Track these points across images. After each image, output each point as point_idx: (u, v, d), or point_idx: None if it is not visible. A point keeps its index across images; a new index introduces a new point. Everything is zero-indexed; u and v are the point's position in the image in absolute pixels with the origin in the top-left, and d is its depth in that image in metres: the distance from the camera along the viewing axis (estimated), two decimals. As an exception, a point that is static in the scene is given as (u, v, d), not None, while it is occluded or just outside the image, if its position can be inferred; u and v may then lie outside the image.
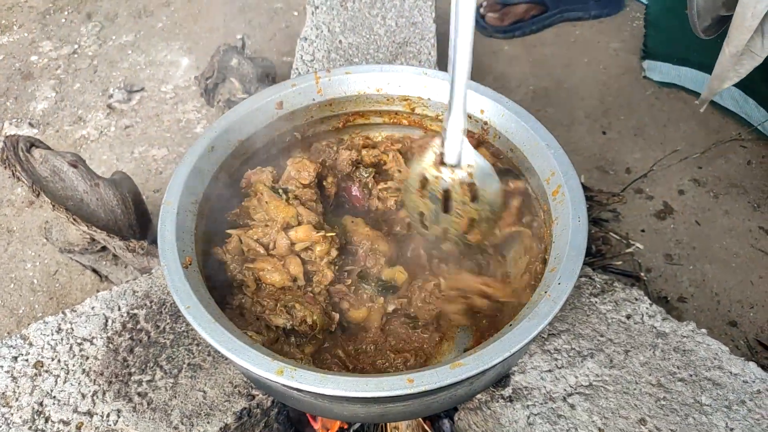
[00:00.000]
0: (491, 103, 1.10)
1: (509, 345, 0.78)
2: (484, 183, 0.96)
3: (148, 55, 2.49)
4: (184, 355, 1.04)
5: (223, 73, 1.95)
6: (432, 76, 1.14)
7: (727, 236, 1.80)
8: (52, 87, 2.37)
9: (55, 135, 2.18)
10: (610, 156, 2.03)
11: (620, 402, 0.95)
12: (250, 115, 1.11)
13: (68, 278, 1.76)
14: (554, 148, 1.02)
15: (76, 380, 1.01)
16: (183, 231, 0.94)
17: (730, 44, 1.47)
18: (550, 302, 0.83)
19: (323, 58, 1.55)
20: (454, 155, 0.95)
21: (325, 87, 1.16)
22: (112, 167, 2.04)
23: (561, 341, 1.03)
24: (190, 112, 2.22)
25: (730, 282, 1.70)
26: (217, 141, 1.07)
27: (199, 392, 0.99)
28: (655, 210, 1.87)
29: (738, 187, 1.92)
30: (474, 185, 0.96)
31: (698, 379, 0.97)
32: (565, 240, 0.89)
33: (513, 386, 0.97)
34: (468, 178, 0.95)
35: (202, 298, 0.86)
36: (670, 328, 1.04)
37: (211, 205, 1.04)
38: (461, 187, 0.97)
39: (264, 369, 0.77)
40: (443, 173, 0.97)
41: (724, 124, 2.09)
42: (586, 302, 1.08)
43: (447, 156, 0.95)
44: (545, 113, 2.18)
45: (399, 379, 0.76)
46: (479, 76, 2.33)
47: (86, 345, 1.06)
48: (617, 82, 2.27)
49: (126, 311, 1.10)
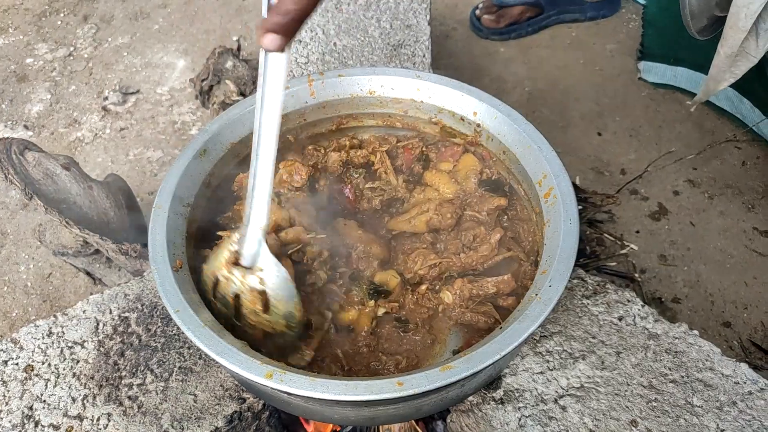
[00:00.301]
0: (484, 105, 1.10)
1: (499, 348, 0.78)
2: (278, 293, 0.86)
3: (144, 57, 2.49)
4: (175, 358, 1.04)
5: (219, 75, 1.95)
6: (425, 79, 1.14)
7: (721, 237, 1.80)
8: (48, 89, 2.37)
9: (50, 137, 2.18)
10: (605, 157, 2.03)
11: (611, 404, 0.95)
12: (242, 117, 1.11)
13: (62, 281, 1.76)
14: (546, 151, 1.01)
15: (67, 384, 1.01)
16: (174, 234, 0.94)
17: (725, 45, 1.47)
18: (540, 305, 0.83)
19: (317, 61, 1.55)
20: (249, 256, 0.86)
21: (318, 90, 1.16)
22: (107, 169, 2.04)
23: (553, 343, 1.03)
24: (186, 114, 2.22)
25: (725, 283, 1.70)
26: (209, 144, 1.06)
27: (190, 396, 0.99)
28: (649, 211, 1.87)
29: (733, 188, 1.92)
30: (265, 294, 0.86)
31: (690, 380, 0.97)
32: (557, 242, 0.89)
33: (504, 388, 0.97)
34: (259, 284, 0.86)
35: (192, 302, 0.86)
36: (662, 330, 1.04)
37: (202, 208, 1.04)
38: (251, 294, 0.87)
39: (253, 372, 0.77)
40: (234, 275, 0.87)
41: (719, 125, 2.09)
42: (578, 304, 1.08)
43: (242, 256, 0.87)
44: (540, 114, 2.18)
45: (388, 382, 0.76)
46: (475, 78, 2.33)
47: (77, 348, 1.05)
48: (613, 83, 2.27)
49: (117, 314, 1.10)
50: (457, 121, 1.15)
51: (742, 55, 1.50)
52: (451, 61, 2.42)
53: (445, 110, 1.16)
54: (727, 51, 1.49)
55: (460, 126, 1.15)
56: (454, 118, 1.15)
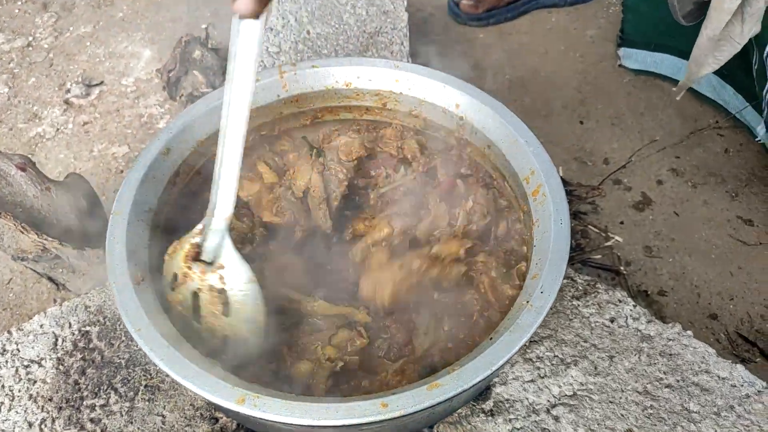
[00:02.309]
0: (467, 97, 1.04)
1: (490, 362, 0.73)
2: (240, 294, 0.79)
3: (108, 47, 2.37)
4: (141, 375, 0.96)
5: (186, 65, 1.85)
6: (404, 70, 1.08)
7: (705, 227, 1.77)
8: (5, 82, 2.24)
9: (9, 133, 2.06)
10: (588, 146, 1.98)
11: (606, 412, 0.90)
12: (209, 113, 1.03)
13: (23, 287, 1.66)
14: (534, 146, 0.96)
15: (23, 407, 0.93)
16: (135, 244, 0.87)
17: (709, 27, 1.43)
18: (532, 313, 0.77)
19: (290, 50, 1.46)
20: (211, 250, 0.79)
21: (290, 82, 1.09)
22: (70, 166, 1.93)
23: (543, 348, 0.98)
24: (153, 107, 2.11)
25: (710, 274, 1.67)
26: (172, 143, 0.98)
27: (158, 417, 0.92)
28: (633, 201, 1.83)
29: (716, 176, 1.89)
30: (225, 294, 0.79)
31: (685, 384, 0.93)
32: (547, 244, 0.84)
33: (494, 399, 0.92)
34: (219, 282, 0.78)
35: (155, 319, 0.78)
36: (655, 331, 1.00)
37: (167, 213, 0.96)
38: (210, 294, 0.80)
39: (224, 398, 0.70)
40: (194, 270, 0.80)
41: (701, 111, 2.06)
42: (569, 306, 1.03)
43: (204, 250, 0.79)
44: (522, 103, 2.13)
45: (371, 403, 0.70)
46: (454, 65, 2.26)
47: (34, 367, 0.97)
48: (594, 70, 2.22)
49: (77, 328, 1.02)
50: (439, 114, 1.09)
51: (726, 39, 1.47)
52: (428, 48, 2.34)
53: (426, 102, 1.09)
54: (710, 33, 1.46)
55: (443, 119, 1.09)
56: (435, 110, 1.09)
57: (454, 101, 1.05)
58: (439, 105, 1.07)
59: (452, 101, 1.06)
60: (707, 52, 1.45)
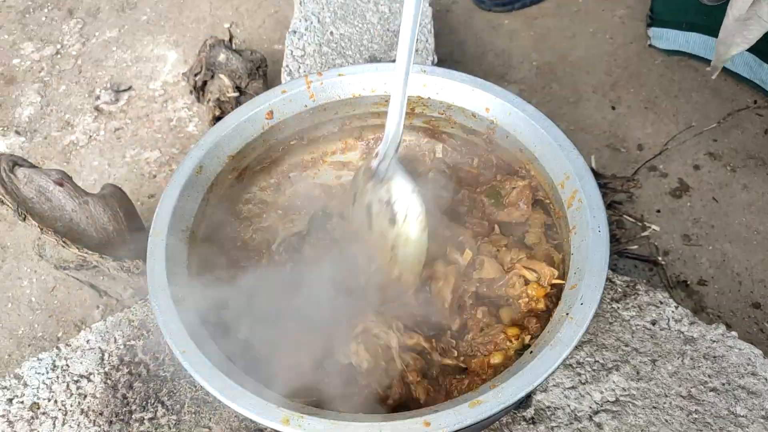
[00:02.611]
0: (497, 100, 1.02)
1: (532, 378, 0.73)
2: (404, 204, 0.86)
3: (134, 51, 2.39)
4: (186, 389, 0.99)
5: (212, 69, 1.86)
6: (431, 74, 1.06)
7: (746, 212, 1.72)
8: (37, 91, 2.29)
9: (44, 142, 2.11)
10: (621, 132, 1.94)
11: (650, 418, 0.89)
12: (238, 128, 1.04)
13: (66, 294, 1.71)
14: (568, 149, 0.94)
15: (75, 422, 0.96)
16: (174, 263, 0.88)
17: (734, 7, 1.39)
18: (573, 326, 0.77)
19: (314, 53, 1.46)
20: (383, 171, 0.87)
21: (317, 91, 1.08)
22: (104, 173, 1.97)
23: (583, 353, 0.97)
24: (181, 110, 2.14)
25: (752, 261, 1.63)
26: (205, 160, 0.99)
27: (205, 429, 0.94)
28: (670, 188, 1.79)
29: (756, 158, 1.83)
30: (392, 206, 0.86)
31: (731, 387, 0.92)
32: (585, 254, 0.83)
33: (535, 406, 0.92)
34: (386, 194, 0.86)
35: (199, 340, 0.80)
36: (698, 333, 0.98)
37: (203, 230, 0.97)
38: (380, 205, 0.87)
39: (269, 418, 0.72)
40: (368, 187, 0.89)
41: (738, 91, 1.99)
42: (608, 309, 1.02)
43: (377, 171, 0.87)
44: (550, 90, 2.08)
45: (414, 422, 0.71)
46: (478, 54, 2.23)
47: (83, 382, 1.01)
48: (624, 52, 2.16)
49: (122, 343, 1.05)
50: (469, 118, 1.07)
51: (754, 19, 1.41)
52: (452, 37, 2.31)
53: (455, 107, 1.08)
54: (736, 14, 1.41)
55: (473, 123, 1.07)
56: (465, 114, 1.08)
57: (483, 105, 1.04)
58: (469, 109, 1.06)
59: (482, 105, 1.04)
60: (735, 32, 1.40)
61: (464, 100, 1.06)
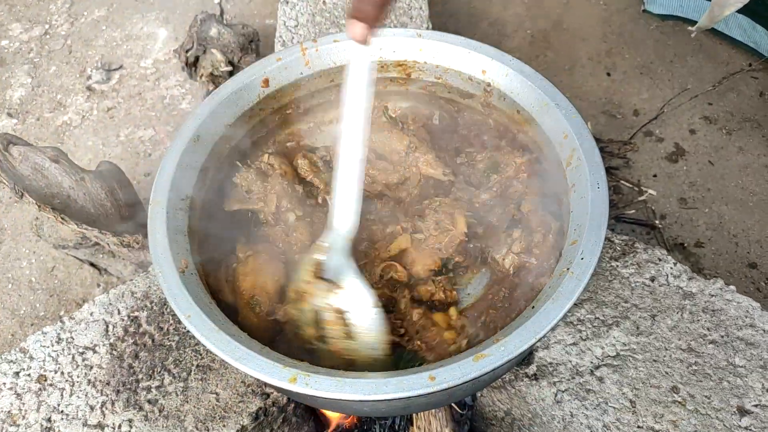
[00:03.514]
0: (493, 62, 1.01)
1: (534, 331, 0.73)
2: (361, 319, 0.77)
3: (124, 30, 2.36)
4: (192, 356, 1.00)
5: (203, 44, 1.84)
6: (427, 38, 1.05)
7: (742, 174, 1.73)
8: (27, 72, 2.26)
9: (36, 123, 2.09)
10: (617, 98, 1.93)
11: (650, 371, 0.91)
12: (233, 96, 1.03)
13: (66, 273, 1.71)
14: (565, 108, 0.94)
15: (83, 392, 0.97)
16: (175, 232, 0.88)
17: None
18: (574, 280, 0.77)
19: (308, 23, 1.44)
20: (332, 269, 0.78)
21: (312, 59, 1.07)
22: (99, 153, 1.96)
23: (584, 311, 0.98)
24: (174, 88, 2.12)
25: (748, 222, 1.64)
26: (201, 129, 0.99)
27: (212, 395, 0.95)
28: (666, 152, 1.79)
29: (751, 121, 1.84)
30: (342, 317, 0.77)
31: (730, 339, 0.93)
32: (584, 209, 0.83)
33: (537, 363, 0.93)
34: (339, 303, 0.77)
35: (203, 305, 0.80)
36: (697, 288, 0.99)
37: (202, 198, 0.97)
38: (334, 315, 0.78)
39: (276, 377, 0.73)
40: (316, 289, 0.79)
41: (733, 55, 1.99)
42: (607, 267, 1.03)
43: (326, 268, 0.79)
44: (545, 58, 2.07)
45: (420, 377, 0.71)
46: (473, 22, 2.21)
47: (89, 354, 1.01)
48: (619, 18, 2.15)
49: (126, 314, 1.05)
50: (465, 81, 1.07)
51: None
52: (446, 7, 2.29)
53: (451, 70, 1.07)
54: None
55: (469, 86, 1.07)
56: (461, 78, 1.07)
57: (480, 67, 1.03)
58: (465, 72, 1.05)
59: (478, 67, 1.03)
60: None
61: (460, 64, 1.05)
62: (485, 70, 1.03)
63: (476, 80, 1.05)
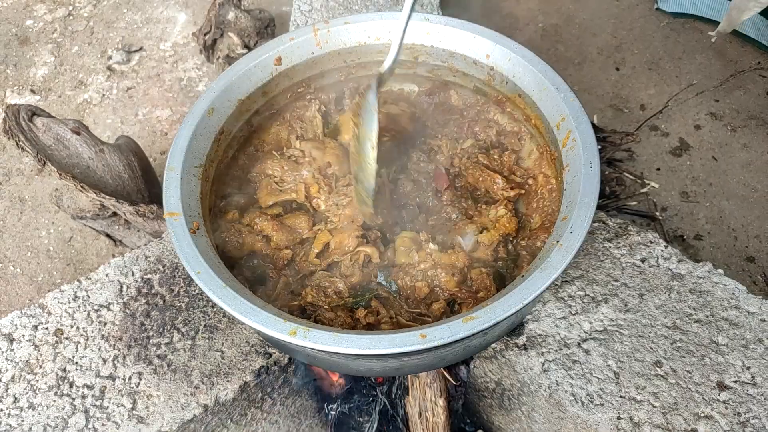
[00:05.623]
0: (497, 47, 1.05)
1: (521, 297, 0.78)
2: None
3: (144, 13, 2.43)
4: (200, 317, 1.05)
5: (221, 28, 1.90)
6: (434, 22, 1.10)
7: (745, 171, 1.76)
8: (50, 51, 2.33)
9: (58, 101, 2.16)
10: (624, 93, 1.96)
11: (635, 345, 0.95)
12: (248, 72, 1.08)
13: (83, 244, 1.78)
14: (564, 92, 0.97)
15: (96, 346, 1.03)
16: (188, 196, 0.94)
17: None
18: (562, 252, 0.81)
19: (321, 7, 1.49)
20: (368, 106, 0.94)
21: (323, 39, 1.12)
22: (117, 131, 2.03)
23: (575, 288, 1.02)
24: (191, 70, 2.18)
25: (748, 217, 1.67)
26: (216, 102, 1.04)
27: (217, 353, 1.01)
28: (670, 147, 1.82)
29: (756, 119, 1.86)
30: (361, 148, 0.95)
31: (715, 319, 0.97)
32: (577, 187, 0.87)
33: (527, 334, 0.97)
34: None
35: (212, 263, 0.86)
36: (686, 270, 1.02)
37: (215, 167, 1.03)
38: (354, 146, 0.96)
39: (277, 330, 0.78)
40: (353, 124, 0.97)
41: (742, 53, 2.01)
42: (600, 247, 1.07)
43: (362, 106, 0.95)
44: (556, 51, 2.11)
45: (412, 335, 0.76)
46: (486, 15, 2.24)
47: (103, 311, 1.07)
48: (630, 14, 2.17)
49: (140, 276, 1.11)
50: (470, 65, 1.11)
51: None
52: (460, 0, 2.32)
53: (457, 54, 1.11)
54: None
55: (473, 70, 1.11)
56: (466, 61, 1.11)
57: (484, 52, 1.07)
58: (470, 56, 1.09)
59: (483, 52, 1.07)
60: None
61: (466, 48, 1.09)
62: (489, 54, 1.07)
63: (480, 64, 1.09)
